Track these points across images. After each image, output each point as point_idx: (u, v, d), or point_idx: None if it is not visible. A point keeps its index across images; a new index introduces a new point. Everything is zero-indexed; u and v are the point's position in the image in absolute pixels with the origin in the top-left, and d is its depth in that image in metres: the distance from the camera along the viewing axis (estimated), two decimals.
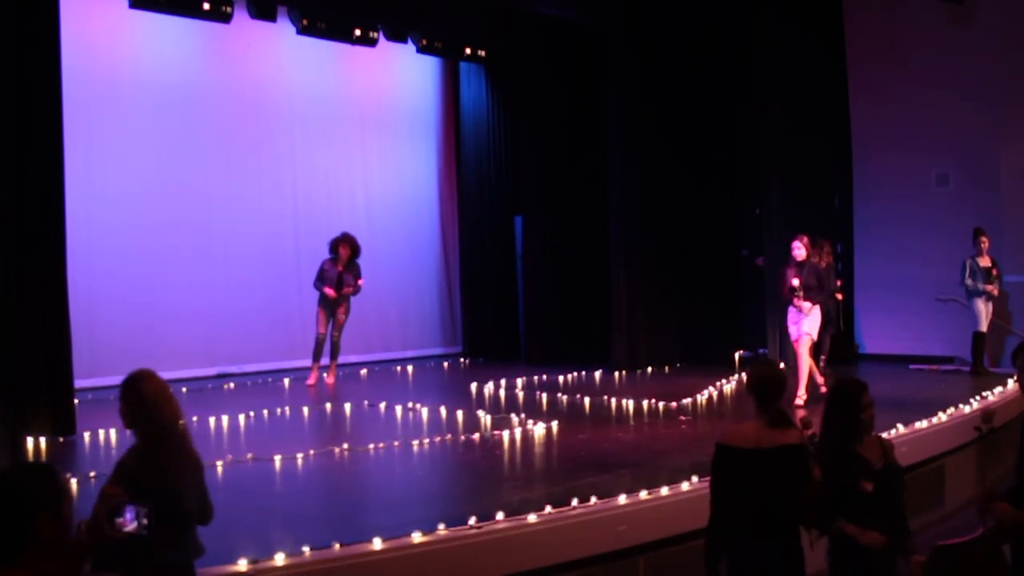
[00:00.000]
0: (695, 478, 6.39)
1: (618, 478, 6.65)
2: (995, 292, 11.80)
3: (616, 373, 12.37)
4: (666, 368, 12.85)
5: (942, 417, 8.54)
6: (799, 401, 9.57)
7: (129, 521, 3.15)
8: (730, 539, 4.25)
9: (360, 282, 11.74)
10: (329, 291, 11.48)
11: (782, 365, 11.81)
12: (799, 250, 9.91)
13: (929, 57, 13.12)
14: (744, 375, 4.87)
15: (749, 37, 13.18)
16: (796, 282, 9.68)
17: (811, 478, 4.18)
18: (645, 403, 9.85)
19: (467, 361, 14.42)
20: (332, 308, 11.58)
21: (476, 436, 8.41)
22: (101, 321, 11.25)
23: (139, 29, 11.86)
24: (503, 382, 11.47)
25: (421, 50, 13.84)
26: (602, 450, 7.88)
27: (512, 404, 10.22)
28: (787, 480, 4.14)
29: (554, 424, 8.81)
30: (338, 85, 13.95)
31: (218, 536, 5.60)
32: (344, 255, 11.59)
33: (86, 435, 8.47)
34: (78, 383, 8.93)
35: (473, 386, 11.27)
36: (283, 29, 12.59)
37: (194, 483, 3.79)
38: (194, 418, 9.10)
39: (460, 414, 9.42)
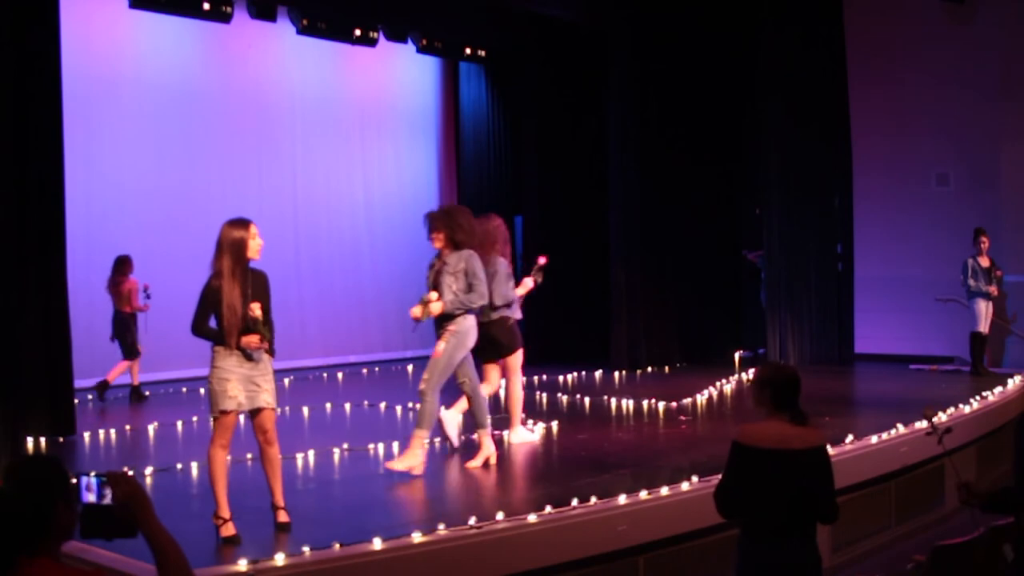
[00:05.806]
0: (695, 478, 6.38)
1: (618, 478, 6.65)
2: (995, 293, 11.80)
3: (616, 373, 12.35)
4: (666, 368, 12.83)
5: (942, 417, 8.53)
6: None
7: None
8: (748, 539, 4.23)
9: None
10: None
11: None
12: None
13: (929, 57, 13.11)
14: (754, 375, 4.64)
15: (749, 37, 13.19)
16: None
17: (831, 477, 4.19)
18: (645, 403, 9.84)
19: None
20: None
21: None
22: (101, 321, 11.24)
23: (139, 29, 11.87)
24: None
25: (421, 50, 13.84)
26: (602, 450, 7.87)
27: None
28: (812, 480, 4.14)
29: (554, 424, 8.81)
30: (338, 85, 13.95)
31: (218, 536, 5.63)
32: None
33: (86, 435, 8.47)
34: (78, 383, 8.92)
35: None
36: (283, 29, 12.60)
37: None
38: (194, 418, 9.11)
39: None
